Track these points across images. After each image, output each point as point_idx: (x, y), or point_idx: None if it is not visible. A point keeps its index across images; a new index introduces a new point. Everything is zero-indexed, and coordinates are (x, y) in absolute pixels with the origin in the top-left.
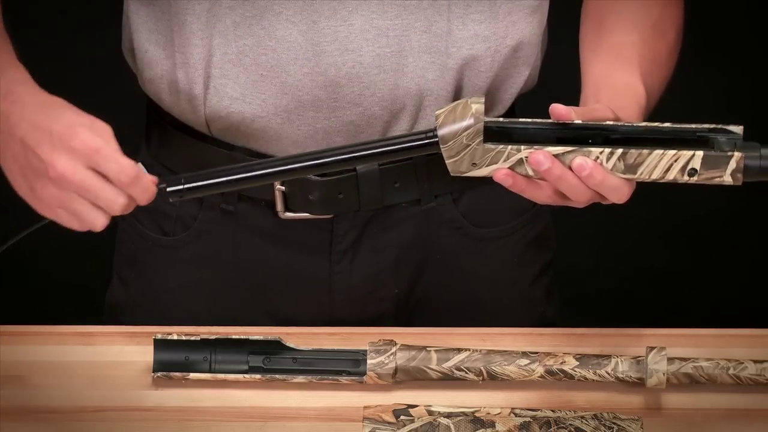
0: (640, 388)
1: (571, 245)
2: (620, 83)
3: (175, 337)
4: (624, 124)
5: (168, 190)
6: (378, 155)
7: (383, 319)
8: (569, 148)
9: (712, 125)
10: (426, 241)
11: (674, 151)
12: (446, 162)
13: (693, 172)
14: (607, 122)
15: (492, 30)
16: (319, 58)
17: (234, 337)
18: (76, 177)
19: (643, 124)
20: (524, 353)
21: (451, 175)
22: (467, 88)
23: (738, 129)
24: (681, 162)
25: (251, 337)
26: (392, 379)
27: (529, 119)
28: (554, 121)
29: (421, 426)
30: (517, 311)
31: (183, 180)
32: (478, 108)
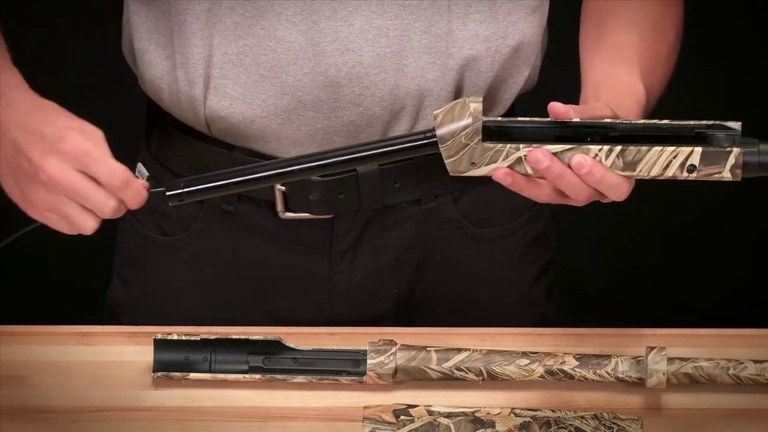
0: (640, 388)
1: (571, 245)
2: (620, 83)
3: (175, 337)
4: (622, 122)
5: (167, 194)
6: (377, 156)
7: (383, 319)
8: (568, 146)
9: (710, 122)
10: (426, 241)
11: (673, 148)
12: (445, 162)
13: (692, 169)
14: (606, 120)
15: (492, 30)
16: (319, 59)
17: (234, 337)
18: (66, 180)
19: (642, 122)
20: (524, 353)
21: (451, 175)
22: (467, 88)
23: (736, 125)
24: (680, 158)
25: (251, 337)
26: (392, 379)
27: (528, 118)
28: (553, 120)
29: (421, 426)
30: (517, 311)
31: (182, 184)
32: (476, 107)
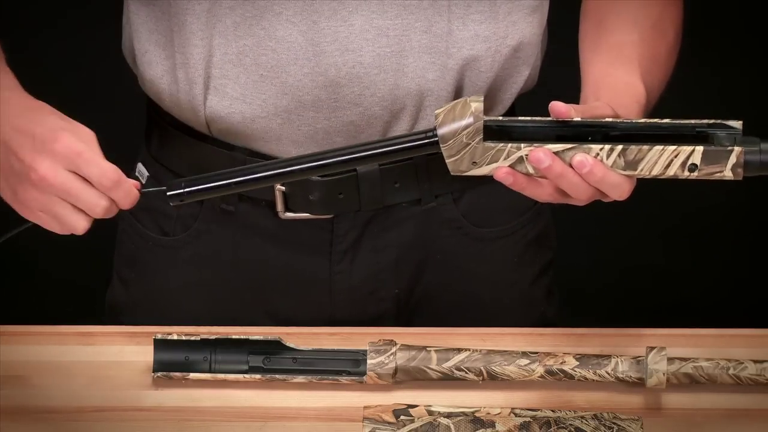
0: (640, 388)
1: (571, 244)
2: (620, 82)
3: (175, 337)
4: (623, 121)
5: (168, 194)
6: (378, 156)
7: (383, 319)
8: (569, 146)
9: (711, 121)
10: (426, 241)
11: (674, 147)
12: (446, 161)
13: (693, 168)
14: (607, 119)
15: (492, 30)
16: (319, 59)
17: (234, 337)
18: (57, 180)
19: (642, 121)
20: (524, 353)
21: (452, 175)
22: (467, 89)
23: (737, 124)
24: (681, 157)
25: (251, 337)
26: (392, 379)
27: (529, 117)
28: (554, 119)
29: (421, 426)
30: (517, 311)
31: (183, 184)
32: (478, 106)
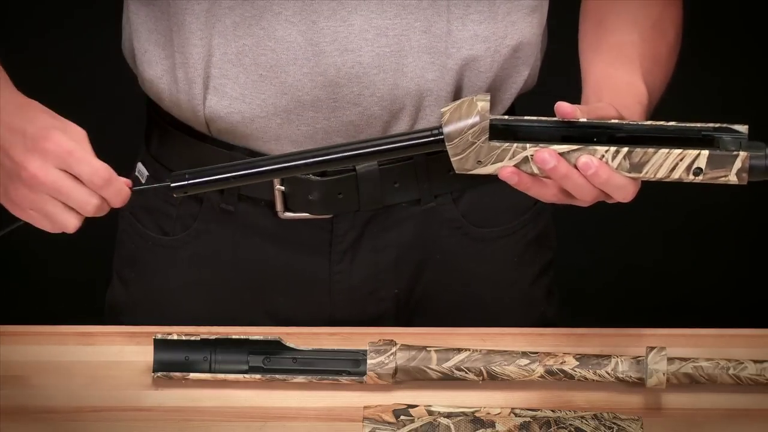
0: (640, 388)
1: (571, 245)
2: (622, 83)
3: (175, 337)
4: (629, 123)
5: (172, 186)
6: (383, 152)
7: (383, 319)
8: (575, 147)
9: (717, 124)
10: (426, 241)
11: (680, 150)
12: (451, 160)
13: (698, 172)
14: (612, 121)
15: (491, 30)
16: (319, 58)
17: (234, 337)
18: (48, 178)
19: (648, 123)
20: (524, 353)
21: (451, 175)
22: (467, 89)
23: (743, 128)
24: (686, 161)
25: (251, 337)
26: (392, 379)
27: (535, 117)
28: (559, 119)
29: (421, 426)
30: (517, 311)
31: (187, 176)
32: (484, 105)
